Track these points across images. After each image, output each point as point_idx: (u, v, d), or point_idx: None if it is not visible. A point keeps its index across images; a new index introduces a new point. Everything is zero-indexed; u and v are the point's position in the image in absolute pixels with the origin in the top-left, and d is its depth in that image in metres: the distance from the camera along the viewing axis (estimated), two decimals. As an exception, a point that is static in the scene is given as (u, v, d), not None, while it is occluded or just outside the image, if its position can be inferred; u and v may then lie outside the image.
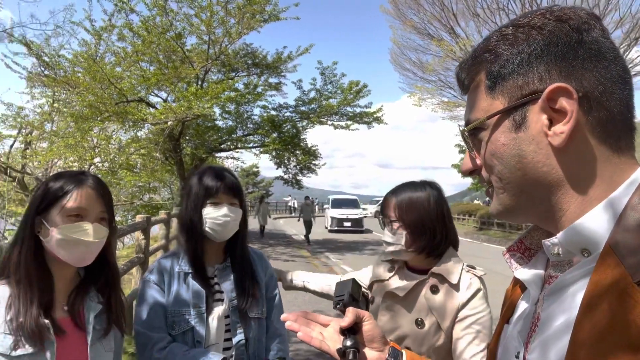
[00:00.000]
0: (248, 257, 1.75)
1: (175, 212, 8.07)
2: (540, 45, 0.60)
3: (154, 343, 1.56)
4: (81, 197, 1.26)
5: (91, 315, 1.32)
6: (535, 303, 0.66)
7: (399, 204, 1.62)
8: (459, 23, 18.56)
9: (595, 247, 0.56)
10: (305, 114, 15.07)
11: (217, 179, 1.67)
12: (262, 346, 1.71)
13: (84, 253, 1.26)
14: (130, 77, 12.05)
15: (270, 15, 12.44)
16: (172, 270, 1.67)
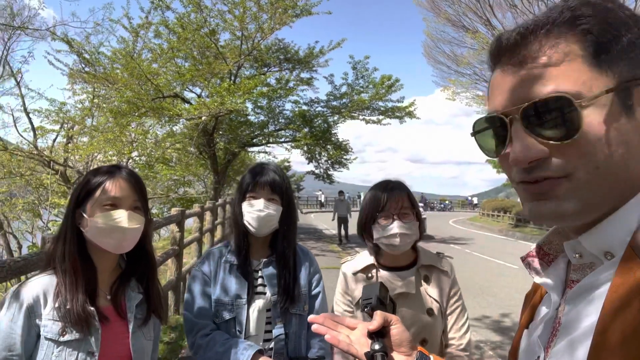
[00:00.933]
0: (290, 254, 1.76)
1: (208, 206, 8.23)
2: None
3: (198, 329, 1.65)
4: (114, 187, 1.33)
5: (133, 304, 1.39)
6: (557, 308, 0.64)
7: (409, 196, 1.73)
8: (495, 14, 18.03)
9: (618, 250, 0.54)
10: (337, 108, 15.05)
11: (257, 175, 1.73)
12: (302, 342, 1.73)
13: (120, 240, 1.33)
14: (165, 73, 12.34)
15: (302, 10, 12.46)
16: (220, 261, 1.75)
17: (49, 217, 13.45)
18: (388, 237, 1.66)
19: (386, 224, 1.66)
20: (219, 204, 10.01)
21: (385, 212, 1.68)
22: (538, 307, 0.71)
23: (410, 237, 1.67)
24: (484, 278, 9.43)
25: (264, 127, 15.39)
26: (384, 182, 1.77)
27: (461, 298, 1.76)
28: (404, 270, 1.74)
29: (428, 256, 1.79)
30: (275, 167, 1.80)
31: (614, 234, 0.54)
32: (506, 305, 7.24)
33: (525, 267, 0.71)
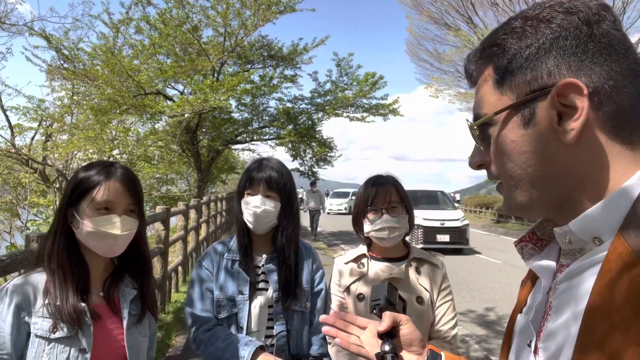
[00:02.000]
0: (290, 251, 1.75)
1: (193, 204, 8.15)
2: (549, 39, 0.58)
3: (200, 324, 1.65)
4: (109, 191, 1.30)
5: (127, 300, 1.37)
6: (547, 292, 0.66)
7: (399, 190, 1.77)
8: (477, 12, 18.24)
9: (606, 235, 0.56)
10: (321, 105, 15.02)
11: (254, 171, 1.73)
12: (304, 339, 1.74)
13: (112, 245, 1.30)
14: (147, 70, 12.16)
15: (286, 6, 12.39)
16: (222, 257, 1.75)
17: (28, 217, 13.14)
18: (377, 230, 1.71)
19: (375, 217, 1.73)
20: (203, 201, 9.92)
21: (374, 207, 1.74)
22: (530, 292, 0.74)
23: (400, 230, 1.72)
24: (468, 273, 9.55)
25: (247, 124, 15.28)
26: (374, 177, 1.81)
27: (451, 294, 1.80)
28: (395, 262, 1.77)
29: (419, 251, 1.84)
30: (274, 163, 1.78)
31: (603, 220, 0.57)
32: (490, 300, 7.35)
33: (518, 251, 0.73)
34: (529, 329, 0.67)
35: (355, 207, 1.82)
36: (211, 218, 11.11)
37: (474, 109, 0.68)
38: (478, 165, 0.69)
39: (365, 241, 1.83)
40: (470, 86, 0.72)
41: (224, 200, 14.96)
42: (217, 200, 13.10)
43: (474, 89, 0.70)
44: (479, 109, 0.66)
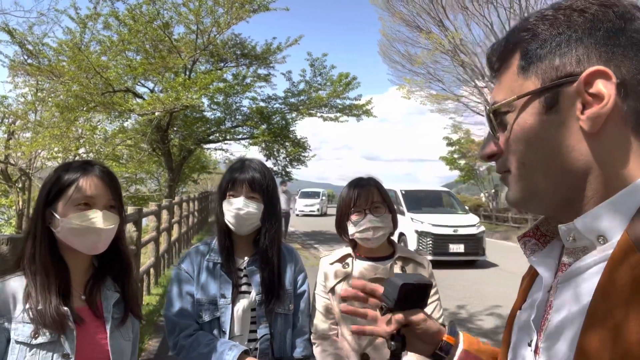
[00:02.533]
0: (273, 253, 1.72)
1: (165, 204, 7.99)
2: (581, 28, 0.58)
3: (180, 329, 1.60)
4: (88, 186, 1.27)
5: (110, 303, 1.33)
6: (549, 291, 0.65)
7: (380, 190, 1.78)
8: (447, 16, 18.60)
9: (612, 234, 0.55)
10: (295, 105, 15.00)
11: (237, 172, 1.70)
12: (287, 342, 1.71)
13: (95, 241, 1.27)
14: (116, 67, 11.84)
15: (260, 5, 12.31)
16: (203, 259, 1.71)
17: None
18: (361, 231, 1.72)
19: (359, 219, 1.73)
20: (175, 202, 9.74)
21: (357, 208, 1.74)
22: (530, 289, 0.73)
23: (384, 229, 1.73)
24: (439, 271, 9.73)
25: (220, 123, 15.10)
26: (355, 180, 1.83)
27: (437, 293, 1.81)
28: (380, 261, 1.78)
29: (405, 250, 1.85)
30: (257, 164, 1.75)
31: (609, 219, 0.56)
32: (461, 298, 7.49)
33: (521, 246, 0.71)
34: (530, 328, 0.65)
35: (338, 210, 1.83)
36: (183, 218, 10.92)
37: (494, 96, 0.66)
38: (489, 157, 0.67)
39: (350, 243, 1.83)
40: (492, 75, 0.69)
41: (196, 200, 14.74)
42: (190, 201, 12.89)
43: (495, 79, 0.68)
44: (499, 95, 0.64)
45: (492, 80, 0.70)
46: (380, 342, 1.68)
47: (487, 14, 17.57)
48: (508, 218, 20.34)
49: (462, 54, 18.47)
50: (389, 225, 1.74)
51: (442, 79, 20.15)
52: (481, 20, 17.85)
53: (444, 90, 20.24)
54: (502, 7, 17.05)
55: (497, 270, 10.26)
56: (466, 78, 19.21)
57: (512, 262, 11.00)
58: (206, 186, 35.22)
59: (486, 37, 18.17)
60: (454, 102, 20.23)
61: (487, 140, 0.68)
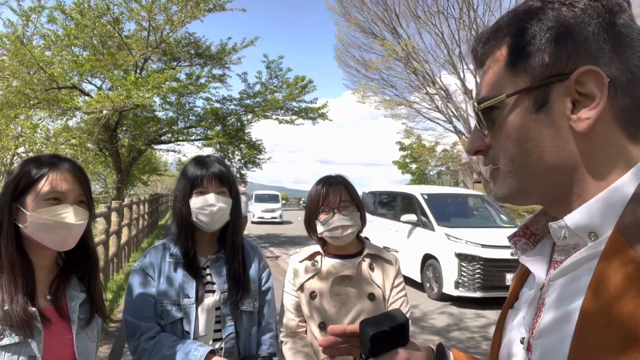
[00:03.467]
0: (240, 248, 1.72)
1: (115, 206, 7.69)
2: (571, 24, 0.56)
3: (142, 332, 1.54)
4: (58, 180, 1.23)
5: (76, 304, 1.29)
6: (541, 288, 0.64)
7: (349, 188, 1.80)
8: (401, 24, 19.10)
9: (602, 230, 0.55)
10: (250, 107, 14.86)
11: (202, 168, 1.66)
12: (253, 340, 1.70)
13: (65, 237, 1.22)
14: (61, 62, 11.27)
15: (216, 4, 12.11)
16: (164, 259, 1.65)
17: None
18: (330, 230, 1.74)
19: (327, 217, 1.75)
20: (125, 204, 9.39)
21: (326, 207, 1.76)
22: (522, 288, 0.72)
23: (352, 227, 1.76)
24: (393, 273, 9.89)
25: (173, 123, 14.69)
26: (324, 178, 1.84)
27: (404, 289, 1.85)
28: (349, 258, 1.81)
29: (373, 247, 1.88)
30: (217, 159, 1.74)
31: (599, 215, 0.56)
32: (414, 297, 7.69)
33: (512, 245, 0.71)
34: (522, 325, 0.65)
35: (307, 209, 1.84)
36: (133, 221, 10.54)
37: (480, 91, 0.65)
38: (475, 152, 0.67)
39: (319, 241, 1.85)
40: (476, 68, 0.69)
41: (146, 202, 14.26)
42: (140, 203, 12.46)
43: (480, 71, 0.67)
44: (487, 91, 0.63)
45: (477, 71, 0.68)
46: None
47: (438, 24, 18.20)
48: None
49: (414, 61, 19.00)
50: (357, 223, 1.77)
51: (395, 85, 20.63)
52: (432, 30, 18.45)
53: (397, 96, 20.73)
54: (452, 17, 17.72)
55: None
56: (418, 85, 19.76)
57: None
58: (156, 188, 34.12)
59: (437, 46, 18.81)
60: (407, 107, 20.77)
61: (474, 136, 0.67)
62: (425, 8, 18.06)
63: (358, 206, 1.80)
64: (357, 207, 1.80)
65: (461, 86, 18.44)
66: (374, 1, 18.81)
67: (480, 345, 5.45)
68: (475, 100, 0.65)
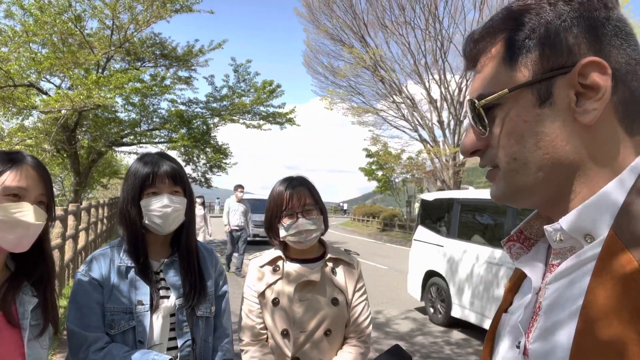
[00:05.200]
0: (196, 250, 1.64)
1: (72, 209, 7.39)
2: (570, 16, 0.56)
3: (89, 344, 1.42)
4: (21, 176, 1.15)
5: (27, 309, 1.20)
6: (537, 292, 0.63)
7: (312, 191, 1.76)
8: (369, 32, 19.38)
9: (598, 232, 0.54)
10: (217, 110, 14.67)
11: (152, 166, 1.54)
12: (209, 347, 1.62)
13: (21, 237, 1.14)
14: (18, 59, 10.77)
15: (183, 5, 11.92)
16: (112, 264, 1.53)
17: None
18: (294, 234, 1.70)
19: (291, 222, 1.70)
20: (83, 207, 9.03)
21: (289, 211, 1.71)
22: (518, 292, 0.71)
23: (316, 232, 1.72)
24: (358, 278, 9.94)
25: (135, 125, 14.29)
26: (286, 179, 1.79)
27: (366, 293, 1.83)
28: (311, 263, 1.77)
29: (335, 250, 1.85)
30: (168, 155, 1.63)
31: (595, 216, 0.55)
32: (379, 303, 7.74)
33: (506, 251, 0.70)
34: (518, 330, 0.63)
35: (268, 211, 1.78)
36: (91, 225, 10.15)
37: (477, 89, 0.63)
38: (472, 152, 0.65)
39: (280, 245, 1.80)
40: (468, 67, 0.67)
41: (105, 206, 13.79)
42: (99, 206, 12.03)
43: (471, 70, 0.66)
44: (486, 88, 0.61)
45: (469, 71, 0.67)
46: (310, 347, 1.67)
47: (405, 34, 18.57)
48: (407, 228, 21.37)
49: (381, 70, 19.30)
50: (320, 228, 1.73)
51: (363, 93, 20.87)
52: (399, 39, 18.82)
53: (364, 104, 20.97)
54: (419, 28, 18.13)
55: (411, 277, 10.75)
56: (385, 93, 20.07)
57: (424, 269, 11.61)
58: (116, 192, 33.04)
59: (404, 56, 19.18)
60: (374, 115, 21.02)
61: (470, 135, 0.65)
62: (392, 18, 18.42)
63: (321, 209, 1.77)
64: (320, 210, 1.77)
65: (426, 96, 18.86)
66: (342, 9, 19.03)
67: (443, 349, 5.53)
68: (474, 97, 0.63)
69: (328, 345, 1.70)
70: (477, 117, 0.62)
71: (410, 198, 27.62)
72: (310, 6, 19.56)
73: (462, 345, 5.72)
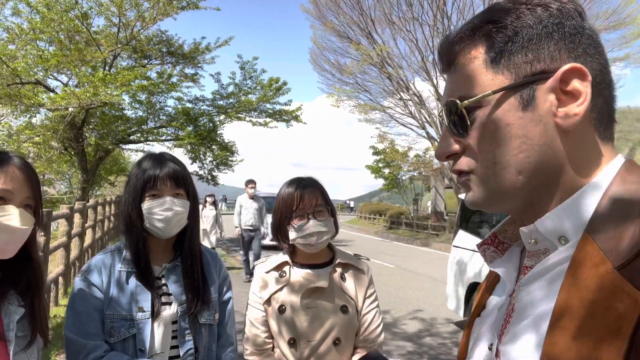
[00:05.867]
0: (199, 255, 1.58)
1: (78, 207, 7.38)
2: (550, 23, 0.57)
3: (87, 352, 1.37)
4: (5, 178, 1.08)
5: (13, 320, 1.13)
6: (510, 295, 0.64)
7: (323, 192, 1.70)
8: (376, 29, 19.24)
9: (572, 234, 0.55)
10: (223, 108, 14.65)
11: (154, 168, 1.48)
12: (212, 356, 1.56)
13: (6, 242, 1.08)
14: (25, 57, 10.82)
15: (189, 2, 11.91)
16: (113, 269, 1.48)
17: None
18: (304, 237, 1.62)
19: (302, 223, 1.62)
20: (90, 205, 9.04)
21: (299, 212, 1.64)
22: (491, 296, 0.72)
23: (327, 234, 1.65)
24: (365, 277, 9.87)
25: (142, 123, 14.32)
26: (296, 180, 1.72)
27: (377, 299, 1.76)
28: (319, 268, 1.70)
29: (345, 255, 1.77)
30: (171, 156, 1.57)
31: (569, 219, 0.56)
32: (386, 303, 7.67)
33: (481, 254, 0.71)
34: (490, 332, 0.64)
35: (277, 213, 1.70)
36: (98, 223, 10.16)
37: (456, 90, 0.62)
38: (447, 156, 0.64)
39: (288, 248, 1.73)
40: (443, 70, 0.66)
41: (112, 203, 13.82)
42: (106, 204, 12.05)
43: (446, 72, 0.65)
44: (466, 90, 0.61)
45: (445, 73, 0.66)
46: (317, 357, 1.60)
47: (412, 30, 18.41)
48: (427, 226, 21.31)
49: (388, 66, 19.17)
50: (331, 230, 1.67)
51: (370, 90, 20.75)
52: (407, 36, 18.66)
53: (371, 101, 20.86)
54: (426, 24, 17.96)
55: (417, 276, 10.65)
56: (392, 90, 19.95)
57: (431, 268, 11.51)
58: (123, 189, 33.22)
59: (411, 52, 19.03)
60: (380, 112, 20.92)
61: (446, 139, 0.64)
62: (400, 14, 18.25)
63: (332, 211, 1.71)
64: (331, 212, 1.70)
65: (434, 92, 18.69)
66: (349, 5, 18.89)
67: (452, 351, 5.45)
68: (454, 98, 0.61)
69: (337, 355, 1.62)
70: (457, 119, 0.62)
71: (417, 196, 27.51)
72: (317, 3, 19.45)
73: (471, 346, 5.64)
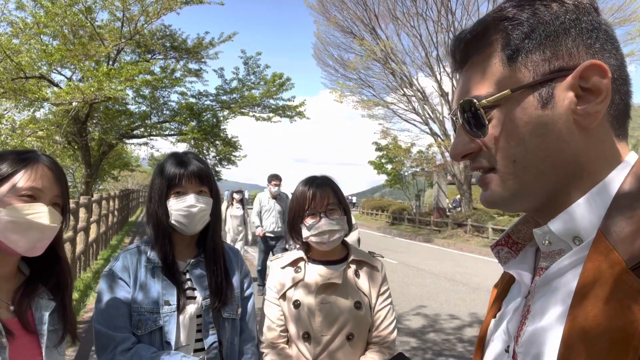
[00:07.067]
0: (222, 251, 1.62)
1: (84, 202, 7.41)
2: (567, 19, 0.56)
3: (116, 344, 1.41)
4: (36, 175, 1.09)
5: (44, 314, 1.15)
6: (526, 296, 0.63)
7: (336, 191, 1.71)
8: (380, 25, 19.18)
9: (587, 234, 0.55)
10: (227, 103, 14.65)
11: (179, 166, 1.54)
12: (235, 349, 1.59)
13: (36, 240, 1.09)
14: (29, 51, 10.82)
15: (193, -3, 11.86)
16: (140, 263, 1.52)
17: None
18: (317, 235, 1.65)
19: (314, 222, 1.66)
20: (95, 199, 9.07)
21: (312, 210, 1.67)
22: (506, 296, 0.71)
23: (339, 232, 1.67)
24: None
25: (146, 117, 14.34)
26: (310, 179, 1.75)
27: (390, 297, 1.77)
28: (334, 265, 1.72)
29: (359, 252, 1.79)
30: (195, 155, 1.63)
31: (583, 219, 0.55)
32: (390, 298, 7.68)
33: (495, 255, 0.70)
34: (506, 334, 0.64)
35: (291, 210, 1.73)
36: (102, 217, 10.21)
37: (471, 89, 0.61)
38: (463, 156, 0.63)
39: (302, 246, 1.75)
40: (455, 68, 0.65)
41: (117, 198, 13.86)
42: (110, 198, 12.10)
43: (459, 71, 0.65)
44: (482, 89, 0.60)
45: (457, 71, 0.66)
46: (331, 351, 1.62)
47: (416, 26, 18.35)
48: (430, 222, 21.31)
49: (392, 62, 19.12)
50: (344, 228, 1.69)
51: (373, 86, 20.72)
52: (411, 31, 18.61)
53: (374, 97, 20.82)
54: (430, 20, 17.89)
55: (420, 272, 10.67)
56: (395, 86, 19.91)
57: (433, 264, 11.53)
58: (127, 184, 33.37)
59: (415, 48, 18.98)
60: (384, 108, 20.89)
61: (462, 138, 0.63)
62: (404, 10, 18.19)
63: (345, 210, 1.72)
64: (344, 210, 1.71)
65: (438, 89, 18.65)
66: (353, 1, 18.84)
67: (456, 347, 5.47)
68: (470, 97, 0.60)
69: (350, 350, 1.64)
70: (473, 119, 0.60)
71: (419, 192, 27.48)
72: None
73: (475, 342, 5.66)
